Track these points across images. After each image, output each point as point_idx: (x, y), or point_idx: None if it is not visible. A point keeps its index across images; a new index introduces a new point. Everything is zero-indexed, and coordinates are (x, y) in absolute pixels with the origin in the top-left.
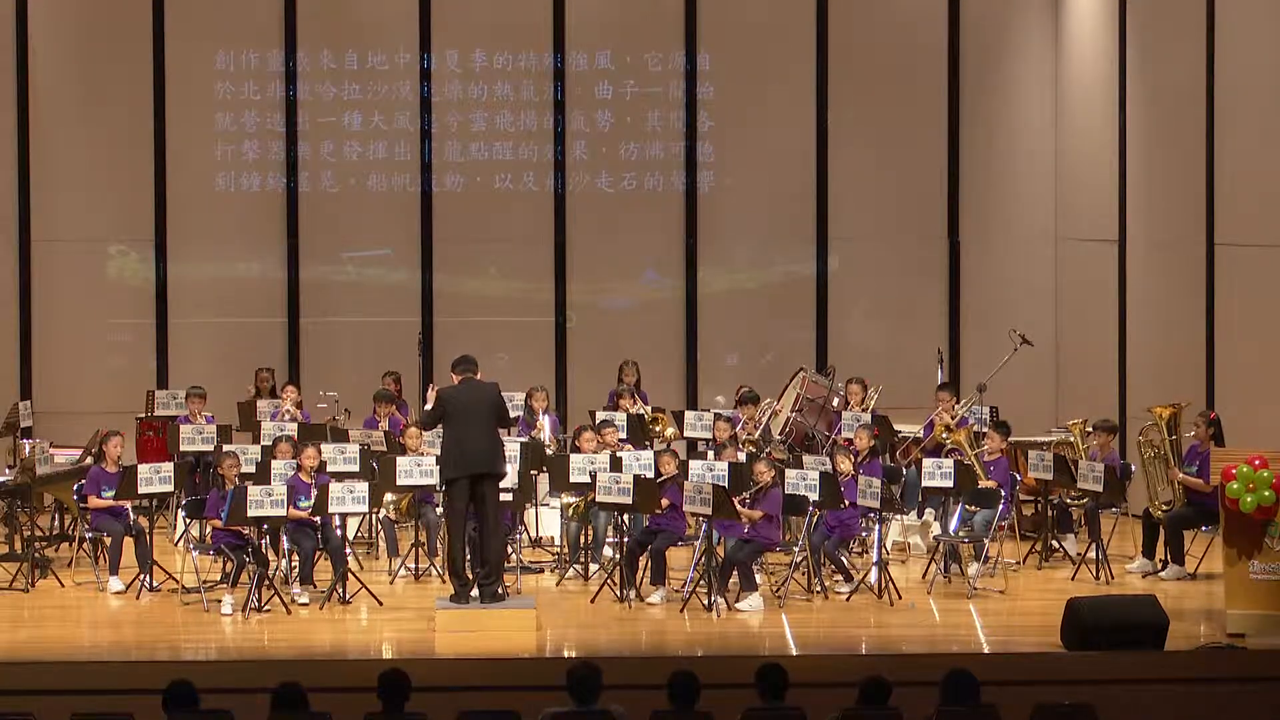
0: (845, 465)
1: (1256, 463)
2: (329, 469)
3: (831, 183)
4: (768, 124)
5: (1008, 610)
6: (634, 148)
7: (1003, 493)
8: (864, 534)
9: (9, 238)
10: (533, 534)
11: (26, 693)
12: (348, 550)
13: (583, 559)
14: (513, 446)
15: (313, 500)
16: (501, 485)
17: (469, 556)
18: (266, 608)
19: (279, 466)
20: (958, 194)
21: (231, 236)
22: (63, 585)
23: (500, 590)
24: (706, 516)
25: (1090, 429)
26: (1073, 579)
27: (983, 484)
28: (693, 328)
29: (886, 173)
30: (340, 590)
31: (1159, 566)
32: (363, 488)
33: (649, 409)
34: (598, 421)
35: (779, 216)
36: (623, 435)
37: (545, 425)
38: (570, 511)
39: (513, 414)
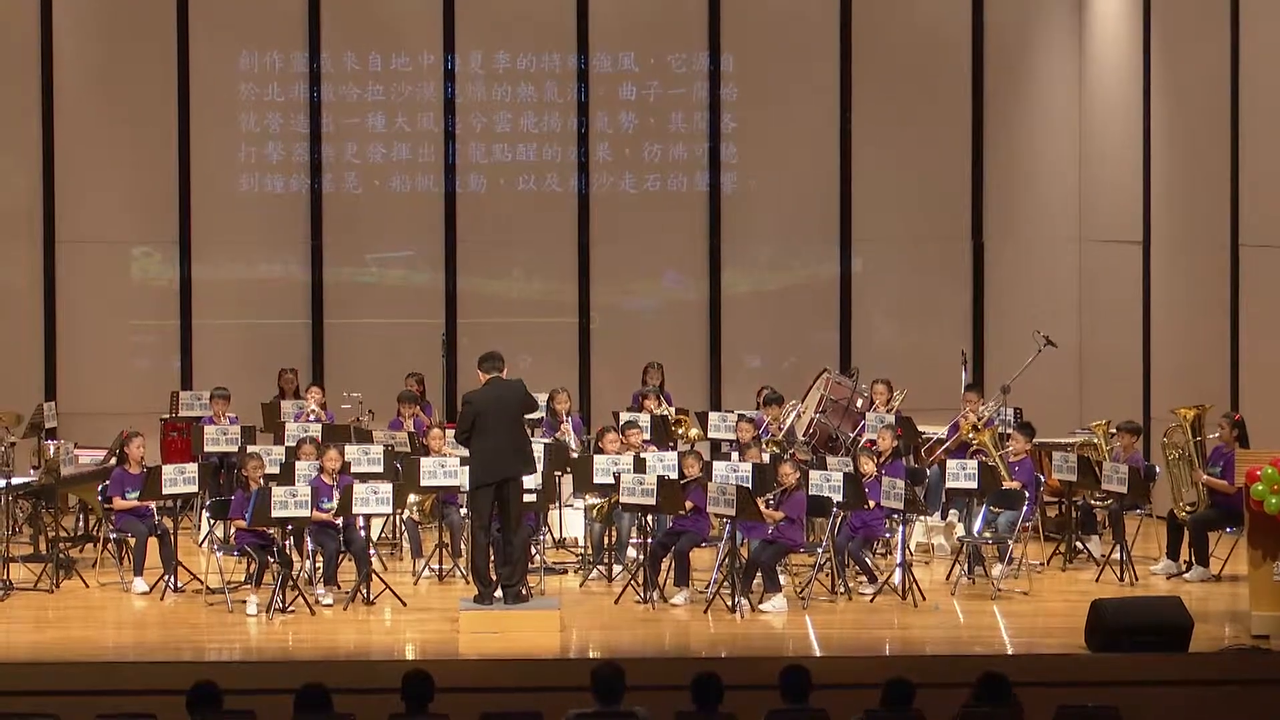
0: (868, 466)
1: None
2: (353, 470)
3: (855, 184)
4: (791, 125)
5: (1031, 611)
6: (657, 149)
7: (1027, 494)
8: (888, 535)
9: (33, 239)
10: (557, 535)
11: (51, 693)
12: (371, 551)
13: (606, 560)
14: (537, 448)
15: (336, 501)
16: (525, 486)
17: (492, 559)
18: (290, 608)
19: (302, 468)
20: (981, 195)
21: (255, 238)
22: (87, 586)
23: (524, 591)
24: (730, 517)
25: (1114, 430)
26: (1097, 580)
27: (1006, 485)
28: (716, 329)
29: (910, 174)
30: (364, 591)
31: (1183, 568)
32: (387, 489)
33: (673, 410)
34: (621, 423)
35: (802, 218)
36: (647, 436)
37: (569, 427)
38: (594, 513)
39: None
